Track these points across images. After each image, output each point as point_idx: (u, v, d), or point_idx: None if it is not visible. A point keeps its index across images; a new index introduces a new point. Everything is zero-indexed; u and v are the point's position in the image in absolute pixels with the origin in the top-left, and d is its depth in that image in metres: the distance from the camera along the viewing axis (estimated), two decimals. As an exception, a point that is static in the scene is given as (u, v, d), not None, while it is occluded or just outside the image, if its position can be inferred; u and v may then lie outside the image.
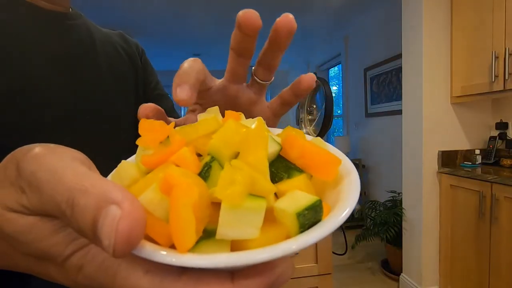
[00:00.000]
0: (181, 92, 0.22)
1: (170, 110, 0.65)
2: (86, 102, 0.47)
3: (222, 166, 0.17)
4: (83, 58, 0.49)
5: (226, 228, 0.14)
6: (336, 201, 0.17)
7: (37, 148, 0.16)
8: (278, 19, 0.25)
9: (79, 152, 0.17)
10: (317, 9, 3.41)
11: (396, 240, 2.41)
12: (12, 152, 0.17)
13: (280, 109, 0.33)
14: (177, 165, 0.16)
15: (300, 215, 0.15)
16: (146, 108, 0.27)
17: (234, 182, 0.14)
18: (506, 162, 1.92)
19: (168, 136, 0.19)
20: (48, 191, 0.14)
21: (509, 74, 1.65)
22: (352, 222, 3.59)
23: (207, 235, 0.15)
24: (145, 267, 0.14)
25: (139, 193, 0.15)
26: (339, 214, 0.16)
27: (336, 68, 4.97)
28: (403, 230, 2.30)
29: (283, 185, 0.17)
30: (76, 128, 0.45)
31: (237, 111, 0.31)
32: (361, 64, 3.78)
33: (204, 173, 0.17)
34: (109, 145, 0.49)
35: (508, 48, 1.65)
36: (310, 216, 0.15)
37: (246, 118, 0.31)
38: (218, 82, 0.31)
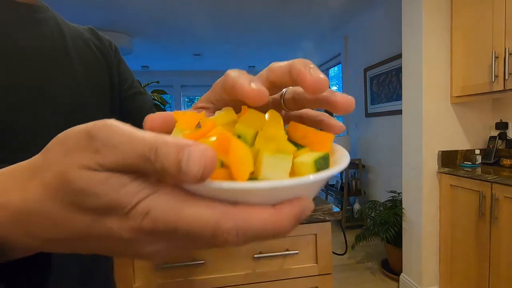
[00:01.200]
0: (257, 85, 0.21)
1: (148, 109, 0.63)
2: (57, 103, 0.44)
3: (247, 143, 0.21)
4: (53, 55, 0.46)
5: (267, 171, 0.18)
6: (334, 162, 0.22)
7: (102, 121, 0.18)
8: (341, 99, 0.23)
9: None
10: (317, 9, 3.41)
11: (396, 240, 2.41)
12: (68, 131, 0.19)
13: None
14: None
15: (316, 162, 0.19)
16: (153, 120, 0.25)
17: (269, 141, 0.19)
18: (506, 162, 1.92)
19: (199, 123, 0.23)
20: (127, 147, 0.16)
21: (509, 74, 1.65)
22: (352, 222, 3.59)
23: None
24: (206, 201, 0.17)
25: None
26: (341, 163, 0.20)
27: (336, 68, 4.97)
28: (403, 230, 2.30)
29: (296, 153, 0.21)
30: (47, 130, 0.41)
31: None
32: (361, 64, 3.78)
33: None
34: None
35: (508, 48, 1.65)
36: (323, 163, 0.19)
37: None
38: None
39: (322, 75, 0.21)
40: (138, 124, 0.49)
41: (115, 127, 0.17)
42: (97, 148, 0.17)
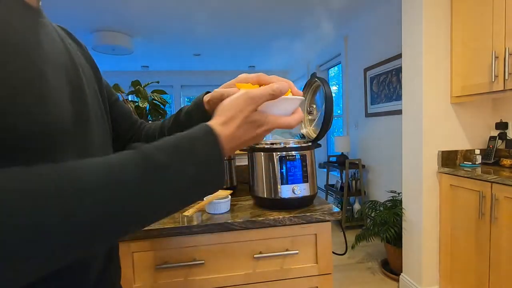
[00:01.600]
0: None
1: (129, 113, 0.69)
2: (86, 111, 0.45)
3: None
4: (67, 62, 0.44)
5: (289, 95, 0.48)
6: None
7: (243, 90, 0.44)
8: (296, 90, 0.52)
9: None
10: (317, 9, 3.41)
11: (396, 240, 2.41)
12: (230, 100, 0.44)
13: None
14: None
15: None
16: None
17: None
18: (506, 162, 1.92)
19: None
20: (264, 94, 0.43)
21: (509, 74, 1.65)
22: (352, 222, 3.59)
23: None
24: (283, 117, 0.47)
25: None
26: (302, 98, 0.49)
27: (336, 68, 4.97)
28: (403, 230, 2.30)
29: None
30: (65, 135, 0.40)
31: None
32: (361, 64, 3.78)
33: None
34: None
35: (508, 48, 1.65)
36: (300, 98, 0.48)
37: None
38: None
39: (298, 90, 0.50)
40: (123, 128, 0.66)
41: (252, 90, 0.43)
42: (253, 101, 0.42)
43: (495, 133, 2.10)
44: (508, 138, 2.05)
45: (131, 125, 0.69)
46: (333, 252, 1.05)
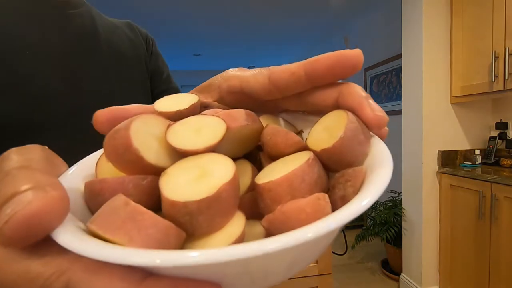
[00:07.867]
0: None
1: None
2: (88, 99, 0.47)
3: None
4: (85, 52, 0.48)
5: None
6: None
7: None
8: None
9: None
10: (317, 9, 3.41)
11: (396, 240, 2.41)
12: None
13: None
14: None
15: None
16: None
17: None
18: (506, 162, 1.92)
19: None
20: None
21: (509, 74, 1.65)
22: (352, 222, 3.59)
23: None
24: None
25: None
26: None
27: (336, 68, 4.96)
28: (403, 230, 2.30)
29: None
30: (76, 126, 0.45)
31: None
32: (361, 64, 3.77)
33: None
34: None
35: (508, 48, 1.65)
36: None
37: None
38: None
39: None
40: None
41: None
42: None
43: (495, 133, 2.10)
44: (508, 138, 2.05)
45: None
46: (333, 252, 1.05)
